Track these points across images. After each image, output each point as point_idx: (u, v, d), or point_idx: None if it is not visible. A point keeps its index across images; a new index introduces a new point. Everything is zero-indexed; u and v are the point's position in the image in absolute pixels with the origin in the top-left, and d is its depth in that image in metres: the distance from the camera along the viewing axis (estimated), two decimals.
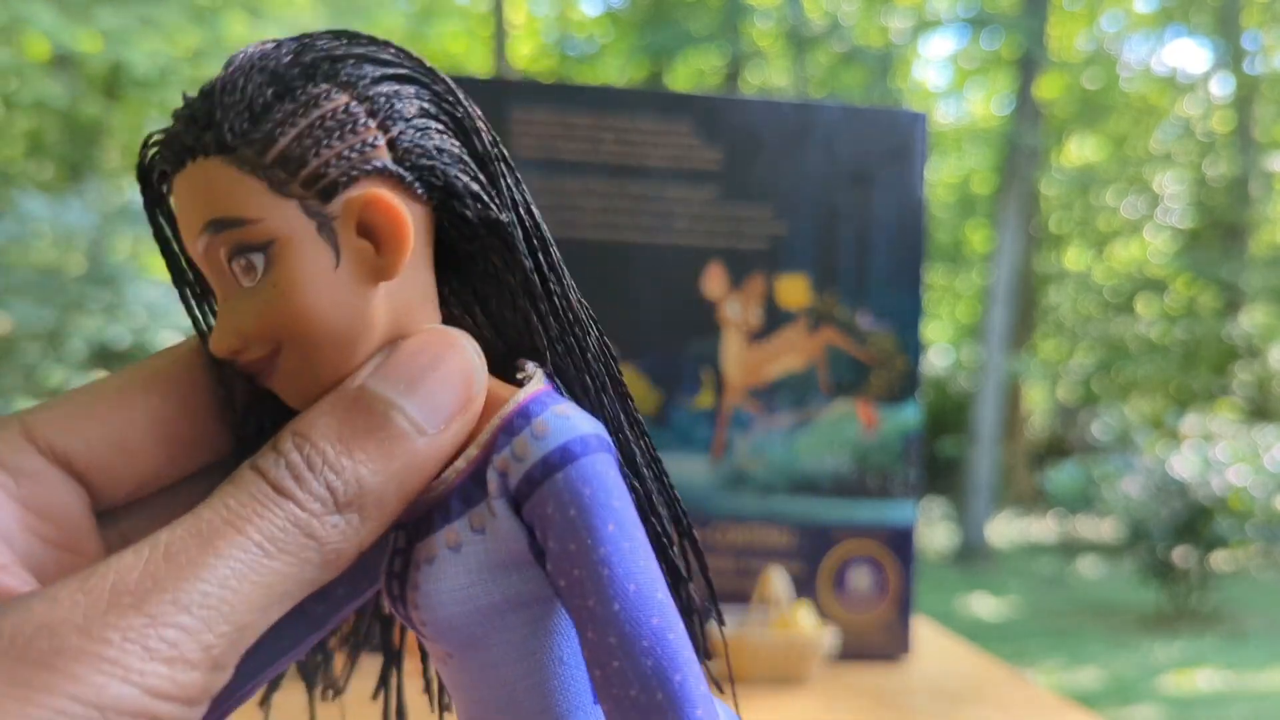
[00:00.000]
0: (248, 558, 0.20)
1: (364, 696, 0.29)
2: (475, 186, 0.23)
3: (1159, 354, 8.93)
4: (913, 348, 0.88)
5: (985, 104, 10.22)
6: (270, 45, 0.23)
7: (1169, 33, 9.53)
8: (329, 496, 0.21)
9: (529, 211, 0.24)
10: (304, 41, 0.23)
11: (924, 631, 0.99)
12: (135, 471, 0.24)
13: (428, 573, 0.23)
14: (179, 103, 0.23)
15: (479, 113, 0.24)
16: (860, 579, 0.90)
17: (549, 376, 0.24)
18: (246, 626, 0.20)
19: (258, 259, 0.22)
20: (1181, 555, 5.22)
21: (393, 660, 0.29)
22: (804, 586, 0.88)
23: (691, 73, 9.18)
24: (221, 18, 6.53)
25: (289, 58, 0.22)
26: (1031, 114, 7.47)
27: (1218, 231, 9.00)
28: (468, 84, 0.76)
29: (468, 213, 0.23)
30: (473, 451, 0.23)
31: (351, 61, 0.23)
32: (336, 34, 0.23)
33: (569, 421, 0.22)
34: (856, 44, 8.77)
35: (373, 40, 0.23)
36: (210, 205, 0.22)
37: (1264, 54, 9.06)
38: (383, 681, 0.29)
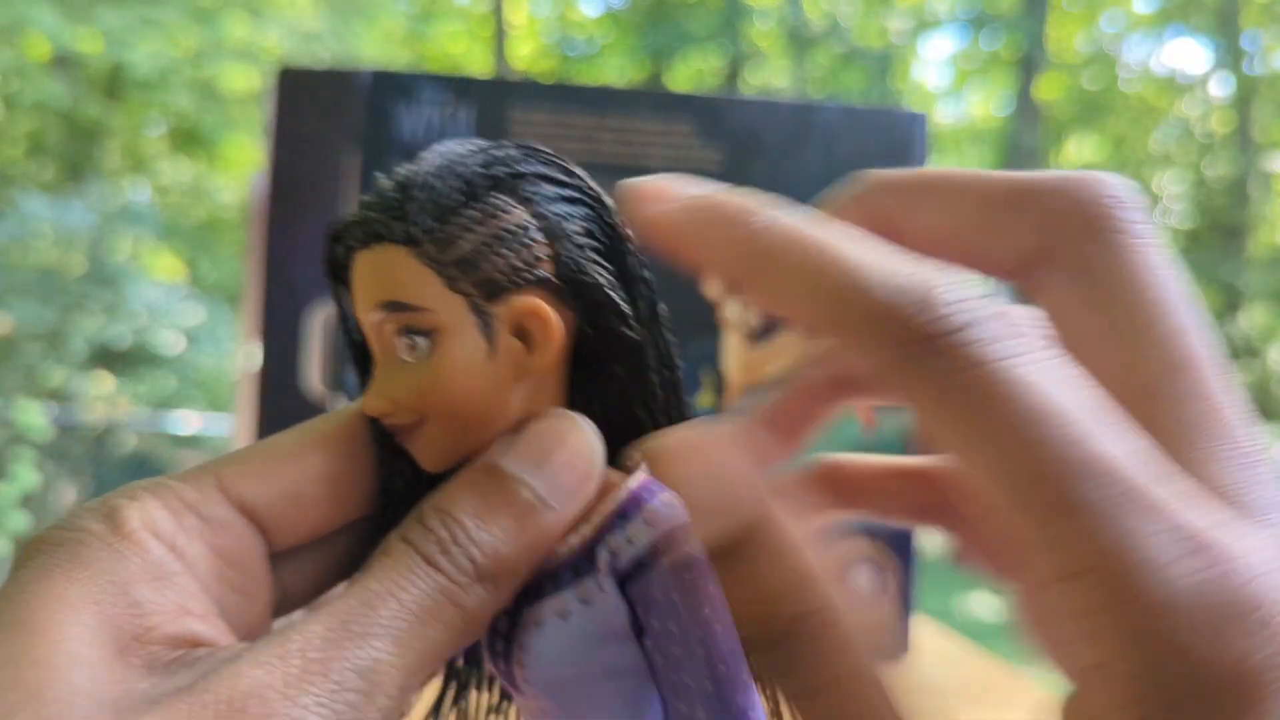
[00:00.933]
0: (407, 627, 0.22)
1: None
2: (620, 305, 0.26)
3: None
4: None
5: (985, 104, 10.22)
6: (465, 148, 0.25)
7: (1169, 33, 9.53)
8: (471, 568, 0.24)
9: (662, 332, 0.27)
10: (496, 155, 0.25)
11: (924, 631, 0.99)
12: (306, 522, 0.26)
13: (535, 634, 0.25)
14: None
15: (632, 237, 0.27)
16: (860, 579, 0.90)
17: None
18: (408, 688, 0.23)
19: (422, 341, 0.24)
20: None
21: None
22: None
23: (691, 73, 9.18)
24: (221, 18, 6.54)
25: (479, 166, 0.25)
26: (1031, 114, 7.47)
27: (1217, 232, 9.01)
28: (467, 84, 0.76)
29: (610, 326, 0.26)
30: (586, 530, 0.25)
31: (533, 179, 0.25)
32: (525, 149, 0.26)
33: (675, 511, 0.25)
34: (856, 44, 8.78)
35: (552, 160, 0.26)
36: (389, 288, 0.24)
37: (1264, 54, 9.06)
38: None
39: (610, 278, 0.26)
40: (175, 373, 6.04)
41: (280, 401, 0.68)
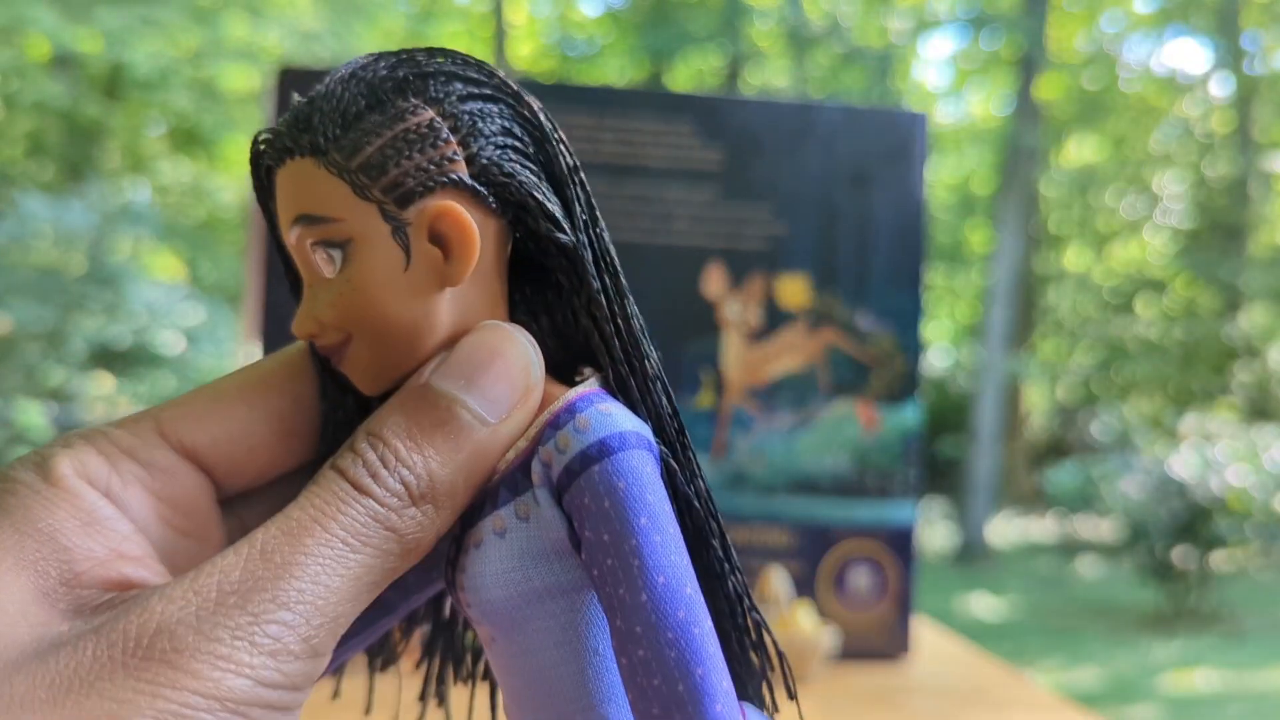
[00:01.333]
0: (334, 553, 0.22)
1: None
2: (550, 207, 0.25)
3: (1158, 354, 8.92)
4: (913, 348, 0.88)
5: (985, 104, 10.21)
6: (371, 58, 0.24)
7: (1169, 33, 9.53)
8: (404, 491, 0.23)
9: (599, 236, 0.26)
10: (401, 57, 0.24)
11: (924, 631, 0.99)
12: (255, 463, 0.25)
13: (474, 556, 0.24)
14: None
15: (562, 136, 0.26)
16: (860, 579, 0.90)
17: (606, 387, 0.25)
18: (340, 616, 0.22)
19: (336, 254, 0.24)
20: (1181, 555, 5.22)
21: (440, 638, 0.30)
22: (804, 586, 0.88)
23: (691, 73, 9.18)
24: (221, 18, 6.53)
25: (384, 71, 0.24)
26: (1031, 114, 7.47)
27: (1217, 232, 9.00)
28: None
29: (539, 230, 0.25)
30: (522, 444, 0.24)
31: (442, 79, 0.24)
32: (433, 51, 0.25)
33: (610, 418, 0.24)
34: (856, 44, 8.77)
35: (465, 60, 0.25)
36: (301, 201, 0.24)
37: (1264, 54, 9.06)
38: (427, 654, 0.30)
39: (534, 178, 0.25)
40: (175, 373, 6.03)
41: None
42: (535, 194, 0.25)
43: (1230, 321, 8.56)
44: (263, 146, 0.25)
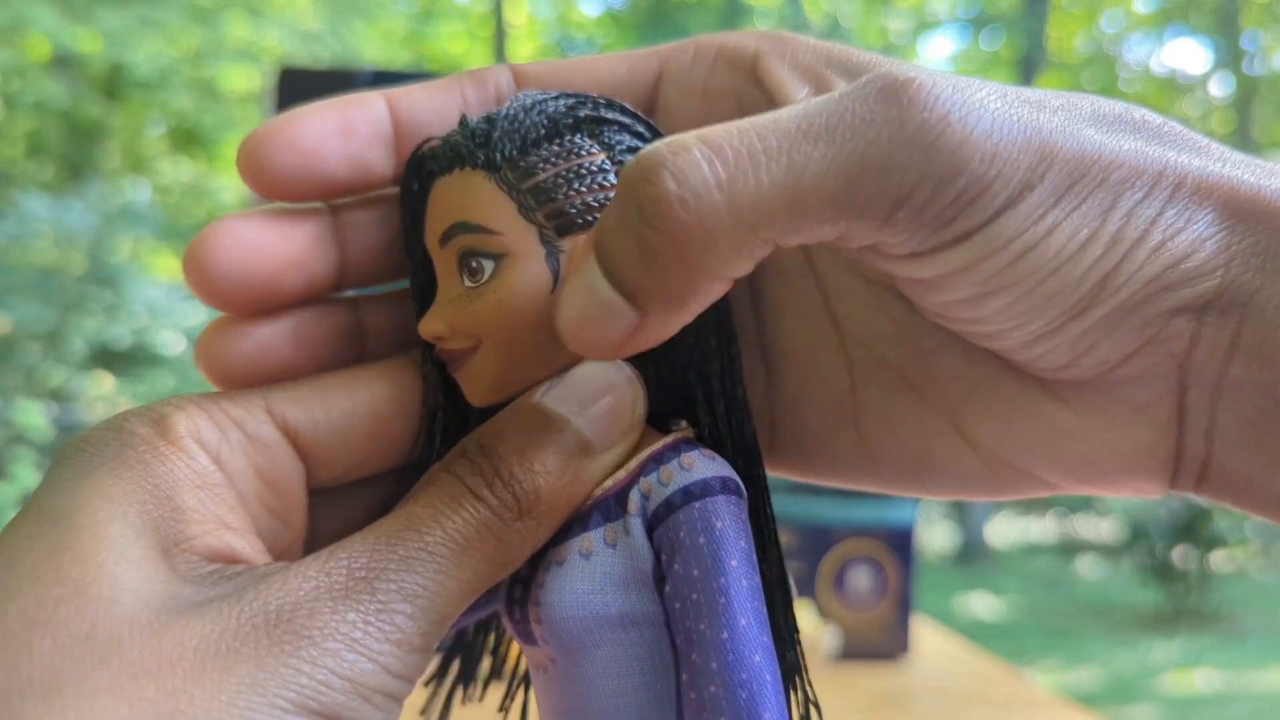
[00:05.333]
0: (450, 554, 0.22)
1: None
2: None
3: None
4: None
5: None
6: (554, 94, 0.26)
7: (1169, 33, 9.53)
8: (514, 503, 0.23)
9: (724, 301, 0.27)
10: (581, 99, 0.26)
11: (924, 631, 0.99)
12: (348, 457, 0.26)
13: (556, 573, 0.24)
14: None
15: None
16: (860, 579, 0.90)
17: (699, 441, 0.26)
18: (448, 617, 0.22)
19: (488, 265, 0.25)
20: (1181, 555, 5.23)
21: (454, 658, 0.30)
22: (804, 586, 0.88)
23: None
24: (221, 18, 6.54)
25: (564, 107, 0.25)
26: None
27: None
28: None
29: None
30: (620, 474, 0.25)
31: (615, 127, 0.26)
32: (609, 102, 0.26)
33: (715, 463, 0.25)
34: (857, 44, 8.77)
35: (636, 114, 0.26)
36: (463, 209, 0.25)
37: (1264, 54, 9.06)
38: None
39: None
40: (175, 373, 6.03)
41: None
42: None
43: None
44: (433, 155, 0.26)
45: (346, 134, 0.26)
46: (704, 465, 0.24)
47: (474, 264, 0.25)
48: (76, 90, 6.66)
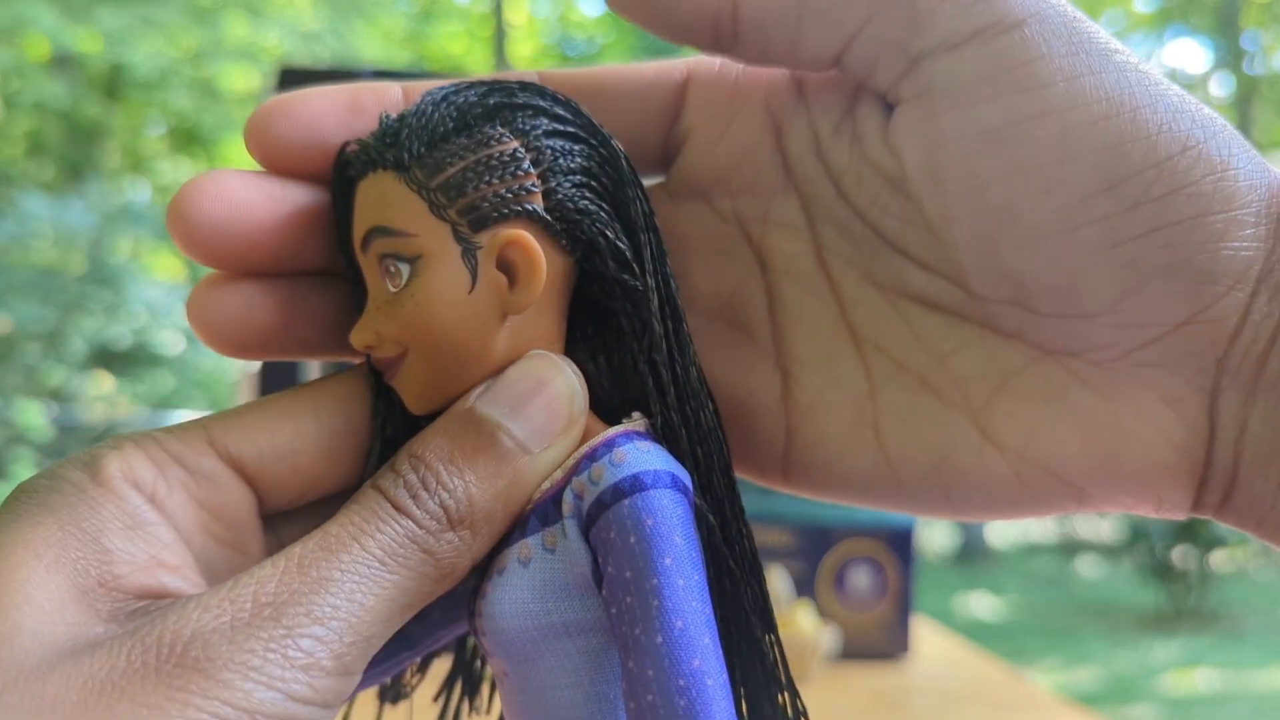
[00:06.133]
0: (370, 571, 0.22)
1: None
2: (620, 248, 0.25)
3: None
4: None
5: None
6: (466, 83, 0.25)
7: (1169, 33, 9.53)
8: (443, 514, 0.23)
9: (667, 284, 0.26)
10: (494, 85, 0.25)
11: (924, 631, 0.99)
12: (300, 481, 0.25)
13: (496, 583, 0.24)
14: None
15: (640, 183, 0.26)
16: (860, 579, 0.90)
17: (653, 433, 0.25)
18: (372, 636, 0.22)
19: (404, 268, 0.24)
20: (1181, 555, 5.23)
21: (460, 671, 0.30)
22: (804, 586, 0.88)
23: None
24: (221, 18, 6.54)
25: (475, 97, 0.25)
26: None
27: None
28: None
29: (607, 271, 0.25)
30: (557, 475, 0.24)
31: (529, 111, 0.25)
32: (525, 84, 0.25)
33: (648, 455, 0.23)
34: None
35: (555, 96, 0.25)
36: (377, 213, 0.24)
37: (1264, 54, 9.06)
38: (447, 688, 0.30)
39: (608, 219, 0.25)
40: (175, 373, 6.04)
41: None
42: (607, 233, 0.25)
43: None
44: (349, 157, 0.25)
45: (353, 110, 0.26)
46: (636, 458, 0.23)
47: (392, 268, 0.24)
48: (76, 90, 6.67)
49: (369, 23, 7.55)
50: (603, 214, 0.25)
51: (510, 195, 0.24)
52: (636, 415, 0.25)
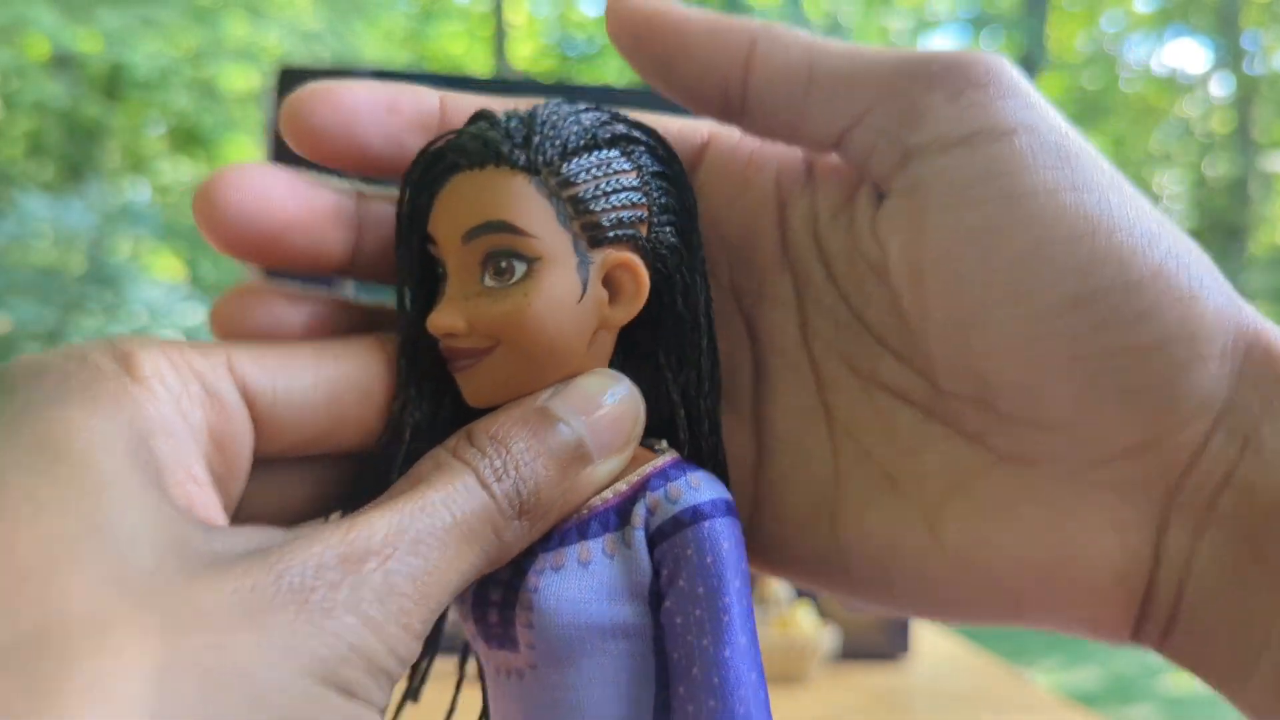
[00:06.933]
0: (454, 543, 0.22)
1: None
2: (689, 284, 0.27)
3: None
4: None
5: None
6: (582, 107, 0.26)
7: (1169, 33, 9.53)
8: (517, 499, 0.23)
9: (710, 327, 0.28)
10: (612, 114, 0.27)
11: (924, 631, 0.99)
12: (298, 433, 0.24)
13: (551, 578, 0.24)
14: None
15: (700, 229, 0.28)
16: None
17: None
18: (441, 606, 0.22)
19: (520, 266, 0.24)
20: None
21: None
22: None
23: None
24: (221, 18, 6.54)
25: (600, 122, 0.26)
26: None
27: (1217, 231, 9.00)
28: (468, 83, 0.76)
29: (674, 306, 0.27)
30: (622, 486, 0.25)
31: (644, 148, 0.26)
32: (637, 123, 0.27)
33: (716, 485, 0.25)
34: (857, 44, 8.76)
35: (661, 138, 0.27)
36: (499, 208, 0.25)
37: (1264, 54, 9.06)
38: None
39: (689, 259, 0.27)
40: None
41: None
42: (685, 270, 0.27)
43: None
44: (460, 147, 0.25)
45: (391, 109, 0.26)
46: (709, 487, 0.25)
47: (504, 264, 0.24)
48: (76, 90, 6.66)
49: (369, 23, 7.55)
50: (685, 254, 0.27)
51: (627, 221, 0.25)
52: (664, 443, 0.27)
